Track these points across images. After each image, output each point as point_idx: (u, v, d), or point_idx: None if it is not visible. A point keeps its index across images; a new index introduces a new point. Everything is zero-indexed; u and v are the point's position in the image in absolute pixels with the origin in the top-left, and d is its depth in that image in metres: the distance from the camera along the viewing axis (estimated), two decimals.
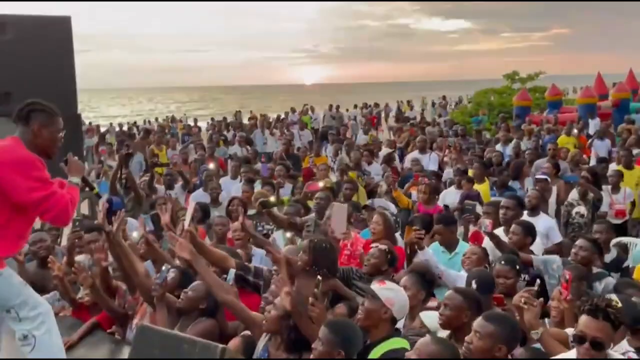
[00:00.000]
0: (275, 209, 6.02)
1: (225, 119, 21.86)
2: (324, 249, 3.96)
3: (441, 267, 4.44)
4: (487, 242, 5.16)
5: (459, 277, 4.40)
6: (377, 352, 3.32)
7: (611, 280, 4.53)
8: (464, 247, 5.14)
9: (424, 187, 7.23)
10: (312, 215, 6.13)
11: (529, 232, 4.95)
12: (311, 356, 3.15)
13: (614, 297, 3.17)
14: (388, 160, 10.05)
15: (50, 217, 3.31)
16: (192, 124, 22.30)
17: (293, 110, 23.09)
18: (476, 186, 8.02)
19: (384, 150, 11.40)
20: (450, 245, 5.28)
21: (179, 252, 4.05)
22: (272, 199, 6.19)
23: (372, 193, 8.29)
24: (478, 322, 3.05)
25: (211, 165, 9.54)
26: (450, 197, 7.82)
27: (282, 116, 22.82)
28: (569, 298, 3.56)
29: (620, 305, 2.88)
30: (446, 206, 7.33)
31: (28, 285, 3.42)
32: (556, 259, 4.72)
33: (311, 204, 6.60)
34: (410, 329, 3.73)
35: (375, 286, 3.51)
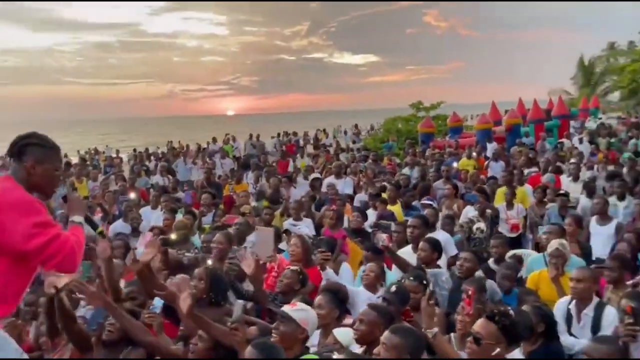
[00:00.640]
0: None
1: (147, 149, 21.25)
2: (219, 276, 4.00)
3: (328, 275, 4.53)
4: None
5: (358, 293, 4.50)
6: None
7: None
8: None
9: (331, 213, 7.26)
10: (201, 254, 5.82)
11: (435, 247, 5.11)
12: None
13: (509, 309, 3.32)
14: (313, 185, 10.08)
15: (55, 264, 2.73)
16: (114, 155, 21.51)
17: (215, 140, 22.81)
18: (390, 207, 8.23)
19: (313, 175, 11.42)
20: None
21: (90, 301, 3.86)
22: (173, 236, 5.99)
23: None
24: (385, 335, 3.12)
25: (132, 195, 9.23)
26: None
27: (204, 146, 22.47)
28: (471, 312, 3.66)
29: (512, 316, 3.03)
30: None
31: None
32: (444, 272, 4.90)
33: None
34: (325, 345, 3.72)
35: (287, 308, 3.52)
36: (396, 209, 8.39)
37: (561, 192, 8.26)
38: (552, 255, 5.07)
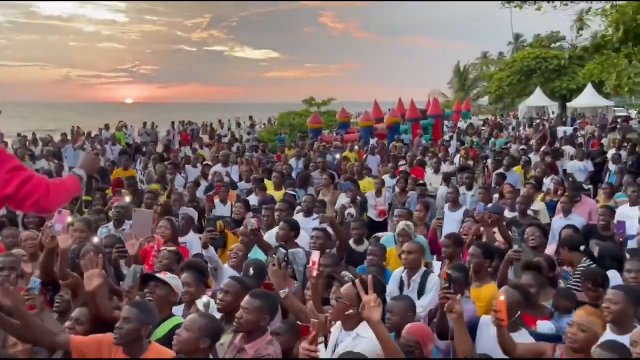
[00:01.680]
0: None
1: (34, 134, 19.89)
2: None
3: (219, 262, 4.73)
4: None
5: (226, 271, 4.76)
6: (163, 329, 3.59)
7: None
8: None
9: (220, 195, 7.46)
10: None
11: (292, 228, 5.47)
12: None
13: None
14: (203, 172, 10.13)
15: (31, 204, 2.59)
16: None
17: (107, 128, 21.87)
18: (276, 193, 8.53)
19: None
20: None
21: None
22: None
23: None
24: (246, 300, 3.39)
25: None
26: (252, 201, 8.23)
27: (96, 133, 21.48)
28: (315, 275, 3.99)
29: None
30: None
31: None
32: (300, 250, 5.30)
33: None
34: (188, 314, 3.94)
35: (162, 275, 3.72)
36: (280, 195, 8.72)
37: (420, 182, 9.00)
38: (399, 234, 5.64)
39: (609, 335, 3.33)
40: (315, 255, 3.92)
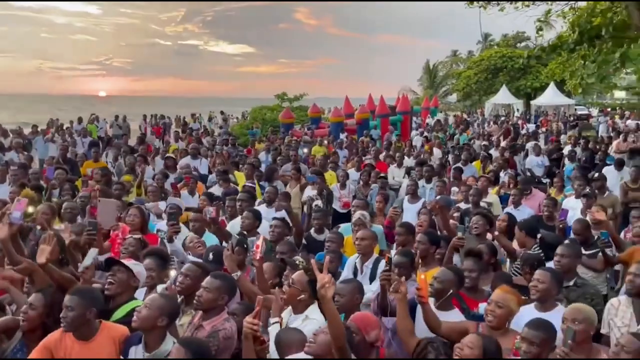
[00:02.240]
0: None
1: (0, 125, 19.47)
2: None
3: (185, 255, 4.88)
4: None
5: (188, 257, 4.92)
6: (121, 311, 3.73)
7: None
8: None
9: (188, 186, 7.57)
10: None
11: (256, 217, 5.65)
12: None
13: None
14: (166, 164, 10.17)
15: None
16: None
17: (80, 120, 21.61)
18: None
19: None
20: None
21: None
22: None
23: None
24: (207, 280, 3.59)
25: None
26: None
27: (67, 125, 21.19)
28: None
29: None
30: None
31: None
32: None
33: None
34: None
35: (125, 261, 3.88)
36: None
37: (381, 175, 9.27)
38: (355, 223, 5.88)
39: (533, 312, 3.61)
40: (259, 240, 4.11)
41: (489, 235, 5.59)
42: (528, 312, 3.63)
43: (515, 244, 5.49)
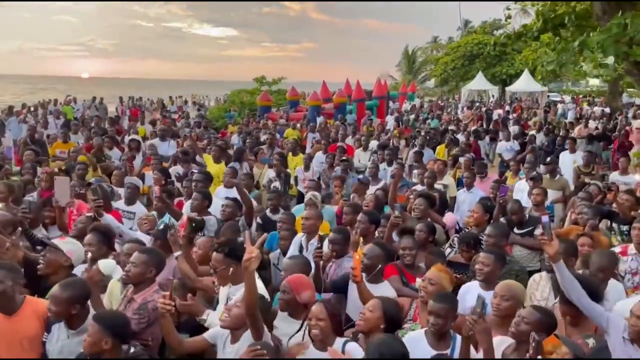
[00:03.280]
0: None
1: None
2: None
3: (122, 228, 4.93)
4: None
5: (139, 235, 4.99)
6: None
7: None
8: None
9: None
10: None
11: (205, 197, 5.73)
12: None
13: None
14: (130, 146, 10.16)
15: None
16: None
17: (55, 102, 21.36)
18: (215, 165, 8.60)
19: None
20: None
21: None
22: None
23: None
24: (134, 255, 3.71)
25: None
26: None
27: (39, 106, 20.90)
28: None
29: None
30: None
31: None
32: (212, 218, 5.57)
33: None
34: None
35: (57, 240, 3.91)
36: (218, 167, 8.85)
37: (344, 158, 9.37)
38: (306, 203, 6.00)
39: (479, 290, 3.77)
40: (182, 221, 4.21)
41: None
42: (474, 291, 3.80)
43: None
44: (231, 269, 3.66)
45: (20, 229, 4.24)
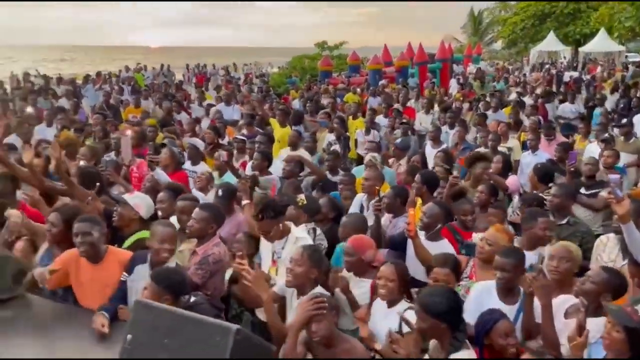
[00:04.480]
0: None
1: (59, 74, 20.29)
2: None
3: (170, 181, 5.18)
4: None
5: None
6: (128, 241, 4.04)
7: None
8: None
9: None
10: None
11: (265, 157, 5.92)
12: None
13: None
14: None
15: None
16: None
17: (127, 69, 22.22)
18: (280, 129, 8.72)
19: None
20: None
21: None
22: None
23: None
24: (195, 211, 3.86)
25: (28, 109, 9.37)
26: None
27: (117, 73, 21.84)
28: None
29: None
30: None
31: None
32: (272, 177, 5.72)
33: None
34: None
35: (126, 196, 4.15)
36: (283, 131, 8.94)
37: (404, 121, 9.22)
38: (366, 164, 5.99)
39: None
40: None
41: None
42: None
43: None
44: (274, 227, 3.76)
45: (99, 184, 4.52)
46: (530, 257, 3.67)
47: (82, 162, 5.68)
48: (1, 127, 4.64)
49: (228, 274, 3.95)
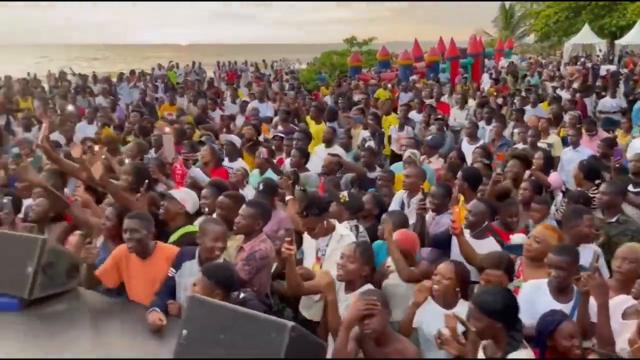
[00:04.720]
0: None
1: (94, 73, 20.70)
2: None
3: (206, 179, 5.27)
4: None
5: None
6: (176, 235, 4.08)
7: None
8: None
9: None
10: None
11: (303, 154, 5.94)
12: None
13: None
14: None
15: None
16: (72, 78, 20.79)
17: (160, 67, 22.56)
18: (315, 126, 8.71)
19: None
20: None
21: None
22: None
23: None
24: (242, 208, 3.91)
25: (69, 107, 9.61)
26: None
27: (149, 72, 22.18)
28: None
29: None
30: None
31: None
32: (311, 173, 5.77)
33: None
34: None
35: (172, 191, 4.21)
36: (318, 127, 8.97)
37: (439, 116, 9.11)
38: (405, 161, 5.94)
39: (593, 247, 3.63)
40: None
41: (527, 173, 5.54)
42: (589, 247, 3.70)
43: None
44: (318, 224, 3.76)
45: (147, 180, 4.59)
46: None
47: (126, 159, 5.79)
48: (45, 124, 4.71)
49: None
